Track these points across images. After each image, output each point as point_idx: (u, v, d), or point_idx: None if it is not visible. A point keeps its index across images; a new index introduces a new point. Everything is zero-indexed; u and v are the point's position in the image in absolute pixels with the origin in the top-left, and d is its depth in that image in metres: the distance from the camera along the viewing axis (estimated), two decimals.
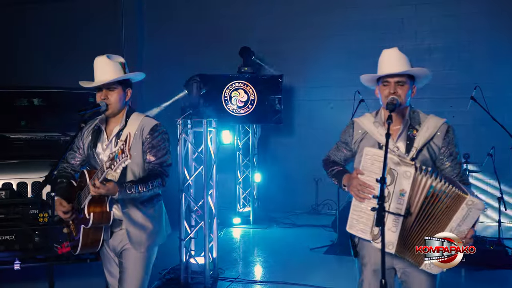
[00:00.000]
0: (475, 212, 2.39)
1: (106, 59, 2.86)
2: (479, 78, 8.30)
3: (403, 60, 2.65)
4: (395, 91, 2.59)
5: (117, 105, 2.88)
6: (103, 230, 2.88)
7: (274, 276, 5.58)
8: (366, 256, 2.73)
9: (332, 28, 9.13)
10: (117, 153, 2.40)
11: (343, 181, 2.70)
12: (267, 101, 8.10)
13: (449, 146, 2.62)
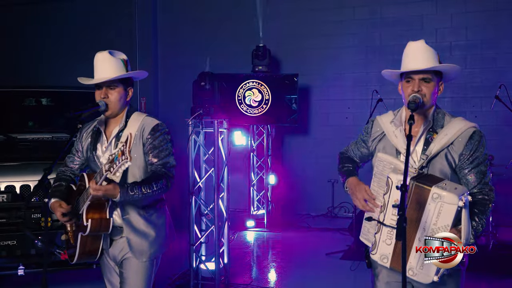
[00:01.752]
0: (447, 207, 2.14)
1: (108, 55, 2.69)
2: (503, 76, 8.05)
3: (430, 54, 2.39)
4: (420, 89, 2.34)
5: (117, 104, 2.70)
6: (102, 239, 2.71)
7: (288, 283, 5.40)
8: (377, 267, 2.52)
9: (350, 26, 8.90)
10: (117, 155, 2.23)
11: (347, 183, 2.52)
12: (282, 101, 7.88)
13: (472, 153, 2.33)
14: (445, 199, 2.14)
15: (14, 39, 10.73)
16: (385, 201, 2.30)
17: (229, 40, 9.25)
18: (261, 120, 7.99)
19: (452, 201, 2.13)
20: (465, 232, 2.14)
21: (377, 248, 2.36)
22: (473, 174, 2.33)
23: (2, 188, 4.12)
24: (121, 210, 2.64)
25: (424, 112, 2.40)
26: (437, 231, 2.17)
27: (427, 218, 2.20)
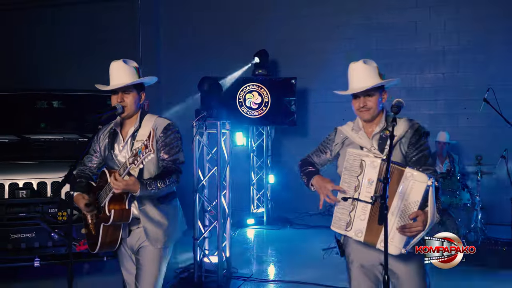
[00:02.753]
0: (418, 185, 2.47)
1: (122, 63, 2.99)
2: (494, 80, 8.30)
3: (369, 72, 2.75)
4: (365, 104, 2.74)
5: (132, 107, 2.99)
6: (121, 229, 2.99)
7: (287, 276, 5.67)
8: (351, 254, 2.84)
9: (347, 30, 9.20)
10: (140, 149, 2.53)
11: (312, 181, 2.82)
12: (281, 103, 8.19)
13: (417, 142, 2.73)
14: (416, 177, 2.50)
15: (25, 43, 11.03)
16: (359, 181, 2.65)
17: (230, 44, 9.54)
18: (260, 122, 8.30)
19: (423, 179, 2.48)
20: (431, 208, 2.45)
21: (352, 225, 2.67)
22: (418, 157, 2.72)
23: (21, 184, 4.40)
24: (138, 202, 2.94)
25: (375, 117, 2.79)
26: (408, 206, 2.50)
27: (401, 191, 2.53)
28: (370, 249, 2.66)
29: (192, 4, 10.09)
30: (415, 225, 2.49)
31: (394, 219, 2.55)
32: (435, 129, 7.78)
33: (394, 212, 2.55)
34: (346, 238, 2.85)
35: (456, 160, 7.29)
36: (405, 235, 2.52)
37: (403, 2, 8.95)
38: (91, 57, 10.05)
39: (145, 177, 2.92)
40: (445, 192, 6.48)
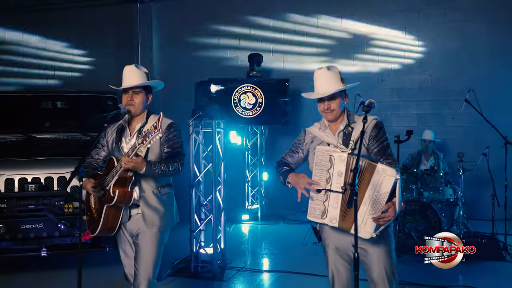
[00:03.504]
0: (388, 178, 2.81)
1: (134, 67, 3.37)
2: (478, 81, 8.67)
3: (332, 78, 3.10)
4: (329, 106, 3.09)
5: (140, 106, 3.36)
6: (122, 214, 3.33)
7: (279, 267, 6.01)
8: (327, 238, 3.18)
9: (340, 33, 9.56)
10: (150, 130, 2.90)
11: (288, 179, 3.16)
12: (274, 104, 8.53)
13: (377, 135, 3.08)
14: (387, 172, 2.83)
15: None
16: (330, 174, 2.98)
17: (225, 46, 9.88)
18: (255, 121, 8.65)
19: (393, 174, 2.82)
20: (398, 198, 2.81)
21: (326, 213, 3.01)
22: (379, 148, 3.07)
23: (29, 179, 4.75)
24: (139, 189, 3.29)
25: (339, 117, 3.15)
26: (379, 197, 2.84)
27: (374, 184, 2.87)
28: (343, 233, 3.01)
29: (188, 8, 10.44)
30: (388, 215, 2.83)
31: (366, 208, 2.89)
32: (422, 128, 8.19)
33: (366, 202, 2.89)
34: (321, 225, 3.18)
35: (440, 157, 7.63)
36: (379, 223, 2.87)
37: (393, 6, 9.31)
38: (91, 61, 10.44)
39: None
40: (429, 187, 6.83)
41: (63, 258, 6.05)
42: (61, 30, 10.78)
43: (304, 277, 5.53)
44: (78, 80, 10.29)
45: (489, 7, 8.83)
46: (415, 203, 6.53)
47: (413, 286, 5.24)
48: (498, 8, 8.79)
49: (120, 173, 3.13)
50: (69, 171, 4.84)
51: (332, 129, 3.15)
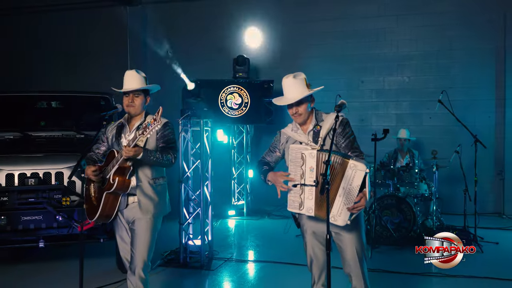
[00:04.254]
0: (359, 173, 3.15)
1: (135, 72, 3.72)
2: (454, 82, 9.16)
3: (298, 86, 3.45)
4: (297, 111, 3.43)
5: (140, 107, 3.71)
6: (119, 202, 3.66)
7: (263, 257, 6.37)
8: (304, 225, 3.53)
9: (321, 37, 9.98)
10: (150, 122, 3.25)
11: (267, 177, 3.50)
12: (259, 104, 8.90)
13: (343, 131, 3.42)
14: (358, 167, 3.17)
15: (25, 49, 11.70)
16: (303, 170, 3.32)
17: (212, 49, 10.23)
18: (241, 121, 9.01)
19: (363, 168, 3.16)
20: (368, 187, 3.16)
21: (303, 205, 3.36)
22: (346, 143, 3.41)
23: (28, 174, 5.05)
24: (136, 179, 3.63)
25: (307, 119, 3.48)
26: (351, 189, 3.18)
27: (346, 179, 3.21)
28: (319, 220, 3.37)
29: (176, 13, 10.79)
30: (360, 205, 3.18)
31: (341, 200, 3.24)
32: (401, 127, 8.59)
33: (341, 194, 3.24)
34: (299, 214, 3.54)
35: (416, 155, 8.04)
36: (353, 212, 3.23)
37: (373, 11, 9.74)
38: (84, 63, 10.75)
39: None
40: (405, 183, 7.24)
41: (60, 249, 6.40)
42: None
43: (287, 266, 5.90)
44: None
45: (464, 13, 9.29)
46: (392, 197, 6.94)
47: (389, 274, 5.60)
48: (473, 13, 9.25)
49: (120, 162, 3.47)
50: (65, 167, 5.15)
51: (303, 129, 3.49)
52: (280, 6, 10.23)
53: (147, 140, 3.59)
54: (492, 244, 6.80)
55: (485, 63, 9.17)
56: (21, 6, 11.48)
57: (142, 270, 3.70)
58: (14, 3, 11.52)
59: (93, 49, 10.97)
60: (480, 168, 7.41)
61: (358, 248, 3.42)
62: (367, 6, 9.76)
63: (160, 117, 3.25)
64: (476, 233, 6.94)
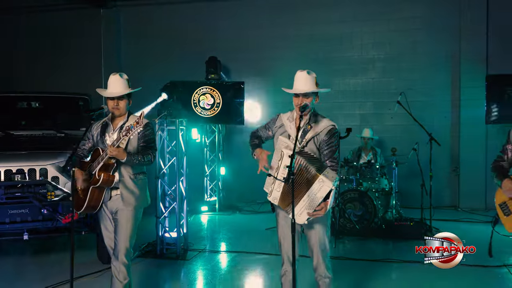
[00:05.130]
0: (325, 187, 3.51)
1: (118, 76, 4.03)
2: (415, 85, 9.75)
3: (309, 80, 3.81)
4: (302, 102, 3.77)
5: (124, 109, 4.06)
6: (104, 194, 4.02)
7: (234, 248, 6.79)
8: (276, 209, 3.97)
9: (291, 40, 10.46)
10: (133, 125, 3.61)
11: (254, 152, 3.90)
12: (231, 104, 9.29)
13: (328, 140, 3.77)
14: (326, 183, 3.51)
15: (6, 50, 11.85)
16: (279, 165, 3.73)
17: (185, 51, 10.59)
18: (213, 120, 9.38)
19: (329, 185, 3.50)
20: (330, 200, 3.55)
21: (271, 193, 3.79)
22: (327, 151, 3.77)
23: (14, 170, 5.34)
24: (119, 174, 3.99)
25: (306, 114, 3.84)
26: (315, 198, 3.54)
27: (313, 190, 3.58)
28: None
29: (150, 15, 11.12)
30: (319, 213, 3.57)
31: (304, 204, 3.61)
32: (365, 126, 9.12)
33: (305, 200, 3.61)
34: None
35: (378, 152, 8.59)
36: (312, 217, 3.62)
37: (341, 16, 10.26)
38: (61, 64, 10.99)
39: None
40: (367, 178, 7.77)
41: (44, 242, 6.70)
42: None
43: (257, 256, 6.35)
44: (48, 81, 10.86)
45: (423, 19, 9.90)
46: (354, 192, 7.44)
47: (352, 261, 6.11)
48: (431, 20, 9.87)
49: (105, 160, 3.83)
50: (49, 163, 5.47)
51: (296, 124, 3.79)
52: (251, 11, 10.65)
53: (129, 140, 3.93)
54: None
55: (442, 66, 9.79)
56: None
57: (125, 256, 4.06)
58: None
59: (69, 49, 11.21)
60: (436, 165, 8.01)
61: (322, 236, 3.84)
62: (334, 11, 10.28)
63: (142, 120, 3.61)
64: (432, 224, 7.52)
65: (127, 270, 4.10)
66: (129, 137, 3.69)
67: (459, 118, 9.67)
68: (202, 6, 10.83)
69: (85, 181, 3.98)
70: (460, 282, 5.26)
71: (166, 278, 5.63)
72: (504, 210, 3.42)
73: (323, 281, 3.88)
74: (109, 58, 11.22)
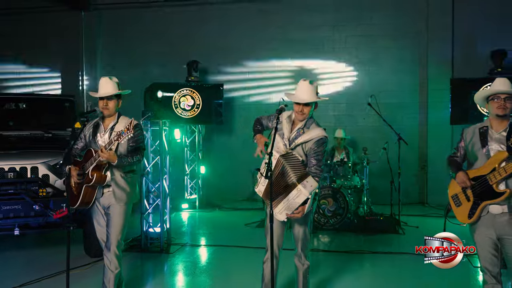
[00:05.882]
0: (302, 196, 3.88)
1: (108, 79, 4.37)
2: (384, 87, 10.23)
3: (310, 90, 4.10)
4: (302, 110, 4.08)
5: (113, 109, 4.38)
6: (96, 192, 4.35)
7: (214, 243, 7.18)
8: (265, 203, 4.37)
9: (267, 44, 10.86)
10: (123, 131, 3.93)
11: (255, 137, 4.22)
12: (210, 106, 9.68)
13: (316, 148, 4.03)
14: (303, 192, 3.87)
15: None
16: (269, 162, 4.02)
17: (166, 53, 10.91)
18: (193, 121, 9.76)
19: (306, 194, 3.87)
20: (308, 205, 3.91)
21: (258, 185, 4.17)
22: (314, 159, 4.09)
23: (6, 169, 5.61)
24: (111, 173, 4.31)
25: (303, 119, 4.15)
26: (293, 203, 3.91)
27: (291, 195, 3.94)
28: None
29: (130, 18, 11.38)
30: (296, 215, 3.95)
31: (283, 206, 3.97)
32: (338, 126, 9.57)
33: (284, 203, 3.97)
34: None
35: (350, 152, 9.06)
36: (290, 217, 3.99)
37: (313, 21, 10.69)
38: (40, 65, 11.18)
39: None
40: (340, 176, 8.23)
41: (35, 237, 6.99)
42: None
43: (236, 249, 6.74)
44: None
45: (395, 26, 10.40)
46: (328, 188, 7.88)
47: (327, 252, 6.58)
48: (401, 26, 10.38)
49: (97, 161, 4.16)
50: (40, 162, 5.75)
51: (294, 125, 4.14)
52: (232, 14, 11.00)
53: (119, 143, 4.20)
54: (413, 228, 7.86)
55: (411, 70, 10.30)
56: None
57: (116, 247, 4.40)
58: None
59: (52, 50, 11.41)
60: (406, 163, 8.50)
61: (304, 231, 4.25)
62: (310, 17, 10.69)
63: (132, 127, 3.94)
64: (400, 219, 8.04)
65: (118, 260, 4.44)
66: (120, 141, 4.01)
67: (426, 119, 10.19)
68: (183, 10, 11.14)
69: (79, 179, 4.30)
70: (422, 270, 5.72)
71: (151, 270, 5.98)
72: (456, 202, 3.83)
73: (301, 267, 4.32)
74: (89, 60, 11.47)
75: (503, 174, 3.49)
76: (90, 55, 11.52)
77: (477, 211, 3.64)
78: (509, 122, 3.66)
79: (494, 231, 3.59)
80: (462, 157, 3.93)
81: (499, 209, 3.58)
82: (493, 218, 3.60)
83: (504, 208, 3.56)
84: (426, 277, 5.43)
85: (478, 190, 3.63)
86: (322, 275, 5.55)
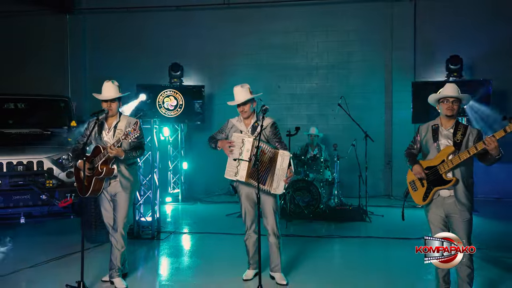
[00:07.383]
0: (286, 158, 4.73)
1: (111, 83, 5.00)
2: (353, 89, 11.05)
3: (243, 92, 4.94)
4: (243, 109, 4.96)
5: (116, 110, 5.03)
6: (104, 182, 5.00)
7: (200, 230, 7.85)
8: (240, 190, 5.09)
9: (245, 47, 11.58)
10: (130, 131, 4.58)
11: (218, 144, 4.98)
12: (192, 105, 10.35)
13: (274, 131, 4.98)
14: (285, 154, 4.74)
15: None
16: (241, 150, 4.82)
17: (150, 56, 11.51)
18: (176, 120, 10.41)
19: (288, 155, 4.73)
20: (292, 166, 4.74)
21: (239, 173, 4.86)
22: (276, 139, 4.97)
23: (15, 163, 6.17)
24: (117, 166, 4.96)
25: (250, 116, 5.00)
26: (283, 170, 4.73)
27: (278, 163, 4.75)
28: (250, 186, 4.90)
29: (114, 21, 11.91)
30: (290, 176, 4.76)
31: (277, 177, 4.76)
32: (311, 125, 10.35)
33: (277, 173, 4.76)
34: (237, 182, 5.06)
35: (323, 148, 9.86)
36: (286, 183, 4.78)
37: (287, 27, 11.47)
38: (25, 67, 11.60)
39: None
40: (313, 170, 9.02)
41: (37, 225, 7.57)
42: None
43: (219, 235, 7.45)
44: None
45: (361, 32, 11.24)
46: (302, 181, 8.65)
47: (301, 238, 7.27)
48: (368, 32, 11.23)
49: (106, 156, 4.80)
50: (45, 156, 6.31)
51: (245, 123, 5.00)
52: (213, 19, 11.68)
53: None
54: (379, 217, 8.70)
55: (377, 73, 11.15)
56: None
57: (122, 229, 5.07)
58: None
59: (35, 54, 11.85)
60: (372, 159, 9.29)
61: (274, 206, 5.01)
62: (283, 23, 11.47)
63: (138, 128, 4.62)
64: (368, 209, 8.87)
65: (124, 240, 5.12)
66: (127, 141, 4.67)
67: (391, 118, 11.07)
68: (166, 15, 11.74)
69: (89, 172, 4.92)
70: (386, 251, 6.55)
71: (145, 254, 6.61)
72: (413, 187, 4.60)
73: (273, 239, 5.04)
74: (74, 62, 11.96)
75: (450, 165, 4.20)
76: (76, 57, 12.01)
77: (430, 194, 4.35)
78: (455, 121, 4.43)
79: (443, 211, 4.28)
80: (418, 150, 4.61)
81: (448, 193, 4.28)
82: (443, 200, 4.30)
83: (451, 192, 4.26)
84: (391, 258, 6.25)
85: (430, 177, 4.37)
86: (295, 257, 6.21)
